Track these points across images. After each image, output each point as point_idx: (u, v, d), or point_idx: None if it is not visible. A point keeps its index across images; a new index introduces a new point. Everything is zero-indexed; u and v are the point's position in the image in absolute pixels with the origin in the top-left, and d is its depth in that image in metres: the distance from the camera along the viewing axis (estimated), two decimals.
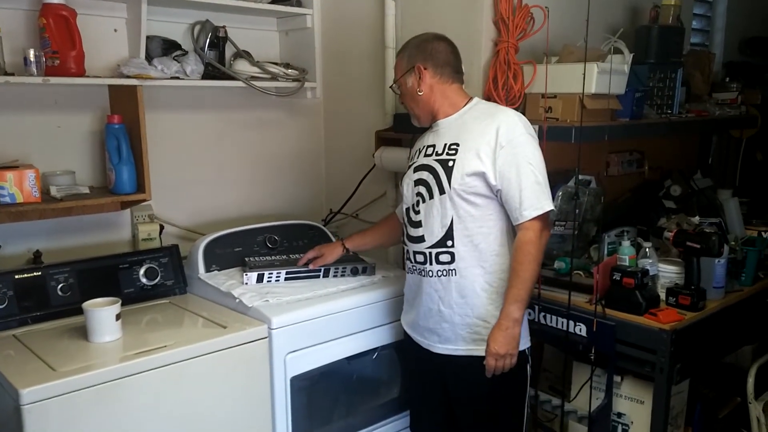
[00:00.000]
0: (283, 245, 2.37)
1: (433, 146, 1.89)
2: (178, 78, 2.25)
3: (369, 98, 2.61)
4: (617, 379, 2.12)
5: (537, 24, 2.18)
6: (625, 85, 2.26)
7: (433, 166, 1.85)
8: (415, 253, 1.91)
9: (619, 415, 2.14)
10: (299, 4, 2.63)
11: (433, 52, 1.87)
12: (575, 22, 2.12)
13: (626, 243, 2.18)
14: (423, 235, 1.87)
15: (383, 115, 2.54)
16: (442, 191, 1.82)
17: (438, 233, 1.84)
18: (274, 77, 2.50)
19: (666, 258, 2.22)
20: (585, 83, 2.05)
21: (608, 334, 2.00)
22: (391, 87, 2.03)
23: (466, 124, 1.85)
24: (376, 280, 2.20)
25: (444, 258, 1.84)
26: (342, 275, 2.21)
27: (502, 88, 2.17)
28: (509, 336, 1.77)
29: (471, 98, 1.91)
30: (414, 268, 1.93)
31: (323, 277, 2.18)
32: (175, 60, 2.27)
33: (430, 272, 1.87)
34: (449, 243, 1.83)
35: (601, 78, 2.12)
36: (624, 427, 2.14)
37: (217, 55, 2.41)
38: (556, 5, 2.18)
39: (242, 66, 2.45)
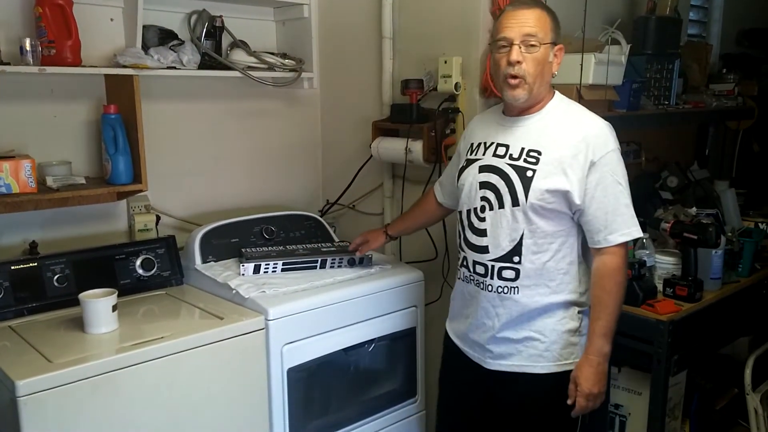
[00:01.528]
0: (280, 236, 2.36)
1: (507, 147, 1.69)
2: (174, 68, 2.23)
3: (366, 88, 2.60)
4: (615, 370, 2.12)
5: None
6: (622, 76, 2.26)
7: (507, 172, 1.66)
8: (475, 263, 1.73)
9: (617, 406, 2.15)
10: None
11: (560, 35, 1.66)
12: (573, 13, 2.11)
13: None
14: (487, 246, 1.70)
15: (380, 105, 2.53)
16: (515, 203, 1.64)
17: (505, 247, 1.67)
18: (271, 67, 2.48)
19: (663, 249, 2.23)
20: (582, 74, 2.05)
21: None
22: (529, 43, 1.61)
23: (549, 128, 1.66)
24: (373, 271, 2.20)
25: (508, 274, 1.68)
26: (339, 266, 2.20)
27: None
28: (600, 373, 1.63)
29: (554, 93, 1.72)
30: (471, 278, 1.76)
31: (320, 268, 2.18)
32: (172, 50, 2.25)
33: (490, 286, 1.71)
34: (516, 259, 1.66)
35: (599, 69, 2.12)
36: (621, 418, 2.15)
37: (213, 45, 2.40)
38: None
39: (239, 56, 2.44)
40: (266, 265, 2.12)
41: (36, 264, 1.95)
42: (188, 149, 2.50)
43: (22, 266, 1.92)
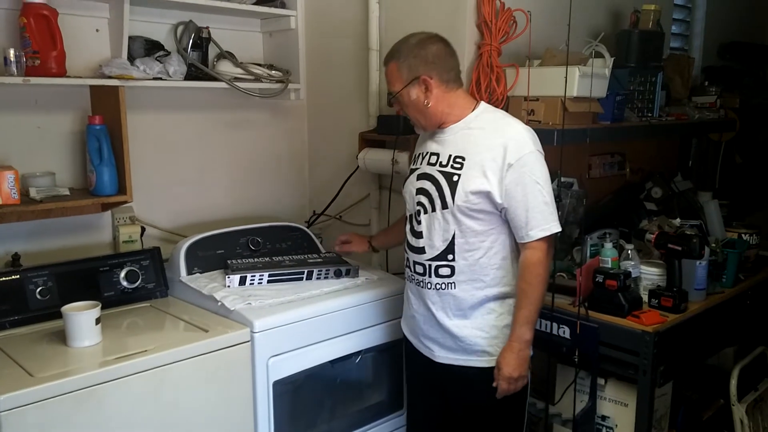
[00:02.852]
0: (266, 247, 2.35)
1: (437, 155, 1.82)
2: (160, 78, 2.23)
3: (353, 100, 2.61)
4: (601, 381, 2.13)
5: (519, 27, 2.19)
6: (606, 89, 2.28)
7: (437, 177, 1.80)
8: (415, 263, 1.87)
9: (604, 418, 2.15)
10: (283, 6, 2.63)
11: (436, 59, 1.76)
12: (557, 26, 2.13)
13: (608, 245, 2.20)
14: (423, 247, 1.83)
15: (367, 116, 2.54)
16: (444, 206, 1.77)
17: (439, 246, 1.80)
18: (258, 78, 2.48)
19: (648, 260, 2.24)
20: (567, 86, 2.06)
21: (591, 337, 2.01)
22: (388, 100, 1.88)
23: (473, 136, 1.78)
24: (359, 283, 2.20)
25: (444, 271, 1.81)
26: (325, 277, 2.19)
27: (485, 91, 2.18)
28: (521, 358, 1.76)
29: (478, 103, 1.84)
30: (413, 277, 1.90)
31: (307, 279, 2.17)
32: (158, 60, 2.25)
33: (429, 284, 1.84)
34: (450, 257, 1.79)
35: (583, 81, 2.14)
36: (608, 430, 2.15)
37: (200, 56, 2.40)
38: (538, 9, 2.20)
39: (225, 67, 2.44)
40: (252, 276, 2.11)
41: (18, 276, 1.92)
42: (174, 160, 2.49)
43: (4, 278, 1.90)
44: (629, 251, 2.20)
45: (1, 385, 1.49)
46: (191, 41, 2.38)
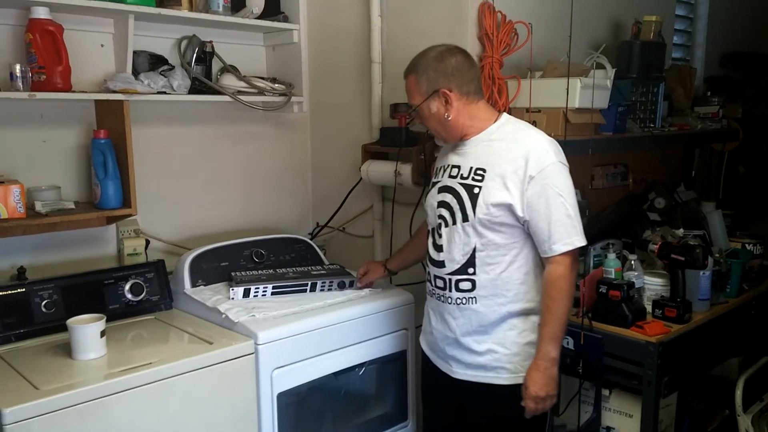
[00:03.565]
0: (270, 259, 2.36)
1: (459, 167, 1.79)
2: (164, 93, 2.25)
3: (355, 112, 2.62)
4: (605, 392, 2.12)
5: (521, 39, 2.21)
6: (608, 100, 2.29)
7: (458, 190, 1.77)
8: (435, 277, 1.83)
9: (608, 429, 2.14)
10: (286, 20, 2.65)
11: (455, 71, 1.74)
12: (558, 38, 2.15)
13: (612, 255, 2.20)
14: (444, 261, 1.79)
15: (370, 128, 2.55)
16: (465, 218, 1.74)
17: (459, 260, 1.76)
18: (261, 92, 2.50)
19: (651, 270, 2.24)
20: (569, 98, 2.07)
21: (595, 347, 2.01)
22: (409, 113, 1.85)
23: (494, 148, 1.75)
24: (363, 294, 2.20)
25: (464, 285, 1.77)
26: (329, 289, 2.20)
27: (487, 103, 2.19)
28: (548, 377, 1.71)
29: (500, 114, 1.81)
30: (433, 292, 1.86)
31: (310, 291, 2.18)
32: (162, 75, 2.27)
33: (449, 299, 1.80)
34: (470, 270, 1.75)
35: (585, 93, 2.14)
36: None
37: (203, 70, 2.42)
38: (539, 21, 2.21)
39: (229, 80, 2.46)
40: (256, 288, 2.11)
41: (24, 289, 1.94)
42: (178, 173, 2.50)
43: (9, 292, 1.91)
44: (632, 262, 2.20)
45: (6, 398, 1.50)
46: (195, 55, 2.40)
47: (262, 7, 2.48)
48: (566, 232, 1.69)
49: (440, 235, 1.81)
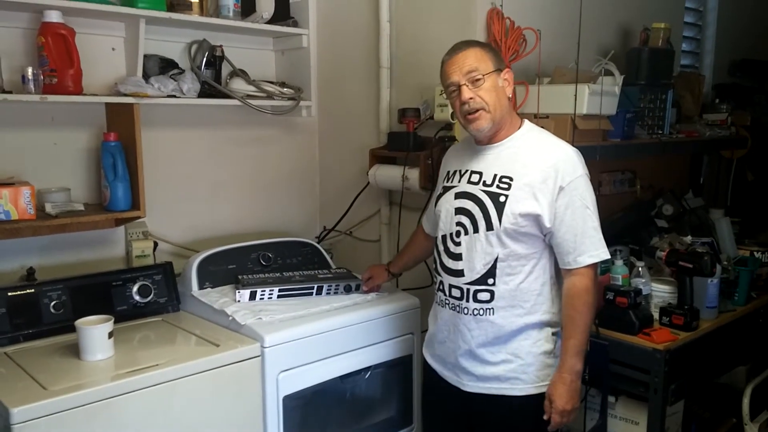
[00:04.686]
0: (277, 263, 2.37)
1: (480, 174, 1.75)
2: (174, 96, 2.26)
3: (363, 117, 2.63)
4: (612, 399, 2.11)
5: (529, 46, 2.21)
6: (616, 106, 2.28)
7: (481, 198, 1.71)
8: (451, 286, 1.77)
9: None
10: (295, 25, 2.66)
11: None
12: (567, 44, 2.15)
13: (619, 262, 2.19)
14: (462, 270, 1.74)
15: (377, 133, 2.56)
16: (489, 227, 1.69)
17: (479, 270, 1.71)
18: (270, 96, 2.51)
19: (659, 277, 2.23)
20: (577, 104, 2.07)
21: (602, 354, 2.00)
22: (472, 76, 1.66)
23: (520, 155, 1.71)
24: (369, 298, 2.20)
25: (483, 296, 1.72)
26: (335, 293, 2.20)
27: None
28: (573, 390, 1.68)
29: (522, 122, 1.79)
30: (447, 302, 1.79)
31: (316, 294, 2.18)
32: (172, 78, 2.28)
33: (466, 309, 1.75)
34: (490, 281, 1.71)
35: (593, 99, 2.14)
36: None
37: (213, 74, 2.43)
38: (548, 28, 2.22)
39: (238, 84, 2.47)
40: (262, 291, 2.12)
41: (33, 290, 1.95)
42: (187, 176, 2.52)
43: (19, 292, 1.93)
44: (640, 268, 2.19)
45: (14, 398, 1.51)
46: (205, 59, 2.41)
47: (272, 12, 2.50)
48: (592, 244, 1.68)
49: (457, 243, 1.75)
